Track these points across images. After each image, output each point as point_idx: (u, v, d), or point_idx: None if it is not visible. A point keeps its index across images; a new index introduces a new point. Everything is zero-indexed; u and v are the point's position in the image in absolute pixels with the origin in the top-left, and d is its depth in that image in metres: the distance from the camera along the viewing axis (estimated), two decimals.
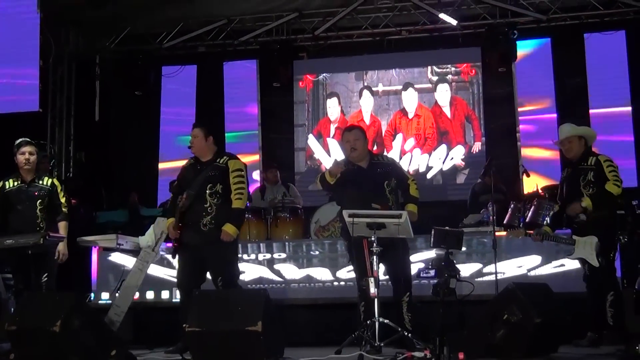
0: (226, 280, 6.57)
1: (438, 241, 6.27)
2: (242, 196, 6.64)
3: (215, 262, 6.57)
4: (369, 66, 13.12)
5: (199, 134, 6.79)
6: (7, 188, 7.23)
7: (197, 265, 6.65)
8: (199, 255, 6.58)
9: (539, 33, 12.33)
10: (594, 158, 7.03)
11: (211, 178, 6.60)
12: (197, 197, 6.55)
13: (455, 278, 6.22)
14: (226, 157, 6.80)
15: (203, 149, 6.79)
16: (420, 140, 12.65)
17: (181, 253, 6.70)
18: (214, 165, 6.71)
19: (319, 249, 9.10)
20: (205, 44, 12.98)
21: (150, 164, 13.19)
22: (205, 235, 6.53)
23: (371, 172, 6.70)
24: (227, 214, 6.60)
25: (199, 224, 6.55)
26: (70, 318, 5.67)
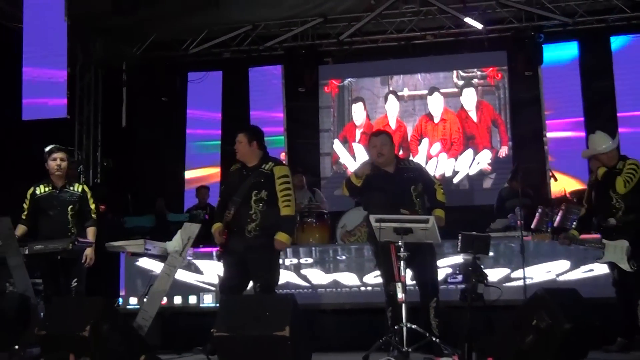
0: (264, 286, 6.53)
1: (465, 246, 6.24)
2: (290, 203, 6.57)
3: (257, 268, 6.53)
4: (395, 71, 13.11)
5: (243, 139, 6.73)
6: (38, 194, 7.30)
7: (241, 271, 6.61)
8: (243, 260, 6.55)
9: (565, 36, 12.26)
10: (622, 162, 6.97)
11: (256, 185, 6.55)
12: (243, 203, 6.52)
13: (482, 283, 6.18)
14: (272, 162, 6.73)
15: (247, 154, 6.73)
16: (447, 144, 12.62)
17: (225, 258, 6.68)
18: (259, 171, 6.64)
19: (345, 254, 9.08)
20: (231, 50, 13.05)
21: (176, 170, 13.26)
22: (250, 242, 6.50)
23: (398, 177, 6.68)
24: (272, 221, 6.54)
25: (244, 230, 6.52)
26: (99, 323, 5.70)
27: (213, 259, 9.00)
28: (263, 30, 12.80)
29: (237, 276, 6.63)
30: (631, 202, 6.83)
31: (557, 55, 12.33)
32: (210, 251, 9.02)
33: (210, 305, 8.97)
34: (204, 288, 9.13)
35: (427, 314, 6.55)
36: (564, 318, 5.66)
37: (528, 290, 7.49)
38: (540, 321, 5.73)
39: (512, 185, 9.88)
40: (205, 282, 9.12)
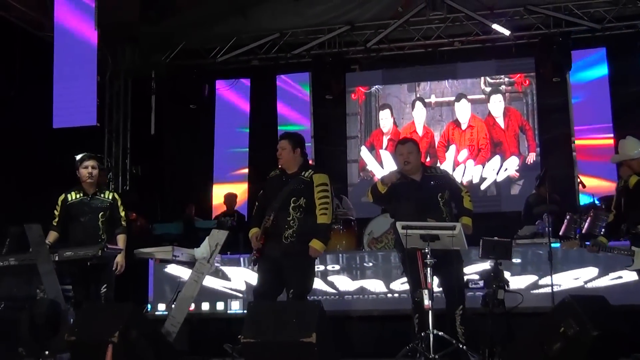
0: (297, 293, 6.51)
1: (487, 252, 6.22)
2: (327, 211, 6.56)
3: (292, 275, 6.52)
4: (422, 77, 13.11)
5: (286, 146, 6.72)
6: (70, 200, 7.37)
7: (276, 277, 6.61)
8: (278, 267, 6.55)
9: (593, 42, 12.18)
10: None
11: (295, 191, 6.55)
12: (281, 209, 6.52)
13: (503, 289, 6.15)
14: (311, 170, 6.73)
15: (290, 161, 6.73)
16: (474, 151, 12.59)
17: (261, 263, 6.67)
18: (299, 178, 6.64)
19: (372, 260, 9.09)
20: (258, 58, 13.10)
21: (205, 177, 13.34)
22: (286, 248, 6.50)
23: (425, 184, 6.68)
24: (310, 228, 6.55)
25: (281, 237, 6.52)
26: (128, 329, 5.76)
27: (241, 266, 9.07)
28: (290, 38, 12.85)
29: (272, 282, 6.63)
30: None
31: (585, 61, 12.25)
32: (237, 257, 9.08)
33: (237, 311, 9.02)
34: (231, 294, 9.18)
35: (453, 321, 6.52)
36: (592, 325, 5.64)
37: (556, 297, 7.45)
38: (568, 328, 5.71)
39: (539, 191, 9.84)
40: (233, 289, 9.17)
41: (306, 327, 5.53)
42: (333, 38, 12.75)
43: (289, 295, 6.53)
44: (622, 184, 7.14)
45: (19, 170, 10.48)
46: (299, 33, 12.82)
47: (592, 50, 12.28)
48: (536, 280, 8.46)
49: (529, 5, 11.97)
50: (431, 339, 6.00)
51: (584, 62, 12.22)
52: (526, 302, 8.16)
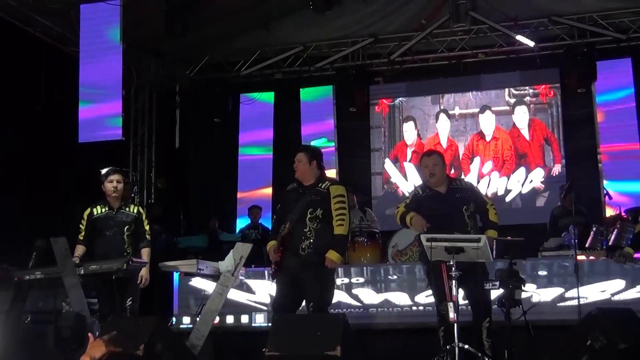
0: (317, 305, 6.50)
1: (500, 252, 6.16)
2: (343, 222, 6.54)
3: (311, 287, 6.51)
4: (446, 89, 13.10)
5: (303, 158, 6.73)
6: (96, 214, 7.42)
7: (294, 290, 6.60)
8: (297, 279, 6.55)
9: (619, 53, 12.11)
10: None
11: (312, 203, 6.55)
12: (298, 221, 6.52)
13: (520, 289, 6.09)
14: (328, 182, 6.74)
15: (306, 173, 6.73)
16: (499, 163, 12.53)
17: (280, 276, 6.68)
18: (315, 189, 6.64)
19: (397, 273, 9.06)
20: (282, 71, 13.16)
21: (229, 190, 13.38)
22: (304, 260, 6.49)
23: (450, 197, 6.65)
24: (326, 240, 6.53)
25: (298, 248, 6.52)
26: (153, 342, 5.76)
27: (265, 279, 9.06)
28: (314, 51, 12.90)
29: (291, 295, 6.62)
30: None
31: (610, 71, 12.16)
32: (262, 270, 9.07)
33: (262, 324, 9.00)
34: (256, 307, 9.18)
35: (480, 334, 6.47)
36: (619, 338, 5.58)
37: (582, 310, 7.38)
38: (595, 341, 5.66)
39: (564, 203, 9.76)
40: (258, 302, 9.17)
41: (331, 340, 5.51)
42: (356, 51, 12.79)
43: (309, 308, 6.52)
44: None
45: (45, 184, 10.56)
46: (322, 46, 12.86)
47: (618, 60, 12.18)
48: (562, 292, 8.39)
49: (553, 16, 11.94)
50: (457, 352, 5.96)
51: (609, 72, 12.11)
52: (553, 315, 8.19)
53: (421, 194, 6.71)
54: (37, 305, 7.62)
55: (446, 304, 6.07)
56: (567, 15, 11.92)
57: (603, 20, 11.81)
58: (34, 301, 7.60)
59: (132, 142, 12.78)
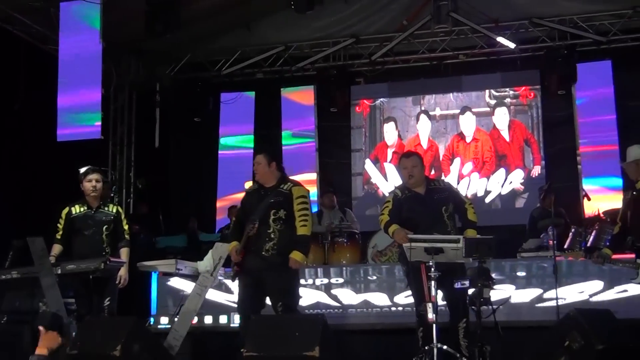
0: (286, 305, 6.50)
1: (470, 251, 6.15)
2: (306, 223, 6.55)
3: (276, 288, 6.52)
4: (426, 90, 13.11)
5: (262, 161, 6.71)
6: (74, 214, 7.38)
7: (258, 291, 6.61)
8: (260, 280, 6.55)
9: (599, 55, 12.16)
10: None
11: (275, 204, 6.53)
12: (261, 222, 6.49)
13: (489, 287, 6.10)
14: (290, 183, 6.72)
15: (266, 175, 6.72)
16: (478, 164, 12.56)
17: (242, 278, 6.66)
18: (277, 191, 6.62)
19: (376, 274, 9.06)
20: (263, 71, 13.13)
21: (209, 190, 13.33)
22: (267, 261, 6.48)
23: (429, 198, 6.66)
24: (290, 240, 6.54)
25: (262, 250, 6.51)
26: (130, 342, 5.73)
27: None
28: (295, 51, 12.89)
29: (254, 296, 6.62)
30: None
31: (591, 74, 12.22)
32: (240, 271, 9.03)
33: None
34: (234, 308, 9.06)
35: (456, 335, 6.49)
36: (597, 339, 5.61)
37: (561, 311, 7.40)
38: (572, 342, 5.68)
39: (544, 204, 9.80)
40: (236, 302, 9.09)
41: (309, 341, 5.50)
42: (338, 51, 12.79)
43: (277, 309, 6.50)
44: (630, 196, 7.08)
45: (23, 183, 10.49)
46: (303, 46, 12.85)
47: (598, 63, 12.24)
48: (541, 293, 8.42)
49: (534, 18, 11.99)
50: (435, 352, 5.97)
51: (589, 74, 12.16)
52: (531, 315, 8.22)
53: (400, 195, 6.71)
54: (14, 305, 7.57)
55: (425, 304, 6.08)
56: (547, 17, 11.97)
57: (583, 22, 11.88)
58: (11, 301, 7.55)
59: (111, 141, 12.70)
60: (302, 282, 8.90)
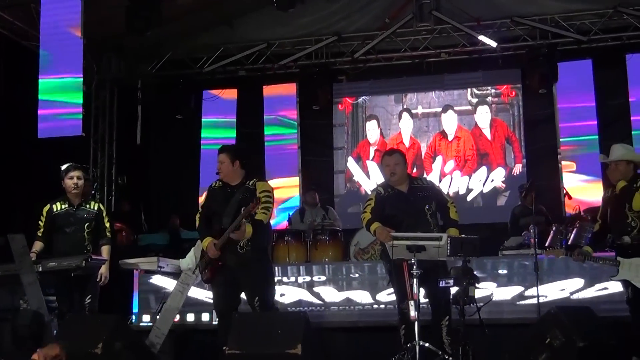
0: (262, 300, 6.51)
1: (454, 250, 6.18)
2: (266, 212, 6.54)
3: (251, 284, 6.54)
4: (409, 88, 13.13)
5: (225, 159, 6.76)
6: (55, 211, 7.35)
7: (232, 289, 6.61)
8: (234, 277, 6.55)
9: (580, 54, 12.23)
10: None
11: (244, 200, 6.49)
12: (234, 220, 6.46)
13: (474, 286, 6.13)
14: (255, 179, 6.75)
15: (230, 174, 6.75)
16: (460, 162, 12.60)
17: (216, 277, 6.66)
18: (245, 187, 6.65)
19: (358, 271, 9.07)
20: (245, 68, 13.09)
21: (191, 187, 13.28)
22: (242, 258, 6.49)
23: (412, 196, 6.67)
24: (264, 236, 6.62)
25: (236, 246, 6.50)
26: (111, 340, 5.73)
27: None
28: (277, 49, 12.86)
29: (229, 295, 6.62)
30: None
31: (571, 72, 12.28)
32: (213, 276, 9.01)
33: None
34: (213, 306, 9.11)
35: (439, 332, 6.51)
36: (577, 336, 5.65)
37: (542, 309, 7.43)
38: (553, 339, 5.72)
39: (525, 202, 9.85)
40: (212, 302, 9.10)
41: (292, 338, 5.51)
42: (320, 49, 12.77)
43: (254, 305, 6.50)
44: (610, 194, 7.13)
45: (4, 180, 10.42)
46: (286, 44, 12.83)
47: (579, 62, 12.31)
48: (522, 291, 8.46)
49: (515, 17, 12.03)
50: (417, 350, 5.98)
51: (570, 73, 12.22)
52: (513, 313, 8.25)
53: (383, 193, 6.72)
54: None
55: (407, 302, 6.09)
56: (529, 16, 12.01)
57: (565, 21, 11.93)
58: None
59: (92, 139, 12.66)
60: (284, 280, 8.96)
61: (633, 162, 6.97)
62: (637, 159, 7.05)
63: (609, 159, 7.04)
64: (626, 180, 6.91)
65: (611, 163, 7.00)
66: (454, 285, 6.13)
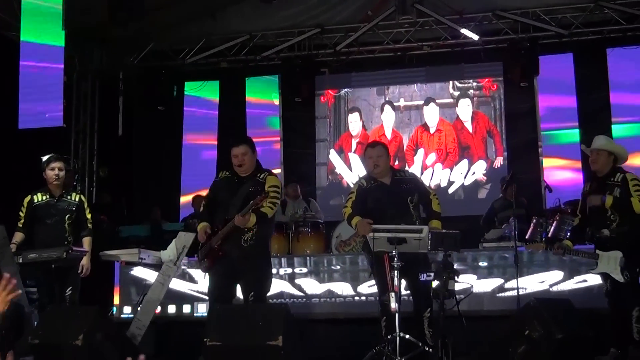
0: (257, 295, 6.52)
1: (435, 244, 6.22)
2: (273, 207, 6.56)
3: (250, 277, 6.53)
4: (391, 81, 13.15)
5: (247, 151, 6.67)
6: (36, 202, 7.32)
7: (230, 281, 6.62)
8: (234, 269, 6.55)
9: (561, 48, 12.30)
10: (621, 175, 6.92)
11: (252, 193, 6.48)
12: (239, 211, 6.43)
13: (454, 280, 6.16)
14: (266, 172, 6.75)
15: (252, 165, 6.71)
16: (442, 155, 12.64)
17: (216, 267, 6.65)
18: (255, 179, 6.65)
19: (340, 263, 9.10)
20: (228, 60, 13.06)
21: (173, 179, 13.27)
22: (245, 251, 6.50)
23: (394, 188, 6.69)
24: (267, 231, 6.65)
25: (240, 239, 6.51)
26: (92, 332, 5.71)
27: None
28: (260, 40, 12.83)
29: (227, 286, 6.63)
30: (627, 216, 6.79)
31: (552, 66, 12.35)
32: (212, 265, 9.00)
33: (204, 314, 8.95)
34: (198, 297, 9.13)
35: (421, 324, 6.54)
36: (556, 328, 5.68)
37: (521, 301, 7.51)
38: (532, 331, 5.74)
39: (506, 194, 9.89)
40: (200, 292, 9.12)
41: (273, 330, 5.51)
42: (303, 41, 12.75)
43: (248, 298, 6.51)
44: (589, 188, 7.18)
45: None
46: (268, 35, 12.80)
47: (560, 55, 12.38)
48: (502, 283, 8.52)
49: (497, 11, 12.06)
50: (397, 341, 6.01)
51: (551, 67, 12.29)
52: (493, 305, 8.30)
53: (365, 185, 6.75)
54: None
55: (388, 294, 6.11)
56: (511, 9, 12.05)
57: (546, 15, 11.97)
58: None
59: (73, 130, 12.58)
60: None
61: (614, 154, 7.04)
62: (617, 151, 7.11)
63: (591, 147, 7.10)
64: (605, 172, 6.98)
65: (592, 152, 7.07)
66: (434, 279, 6.16)
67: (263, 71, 13.34)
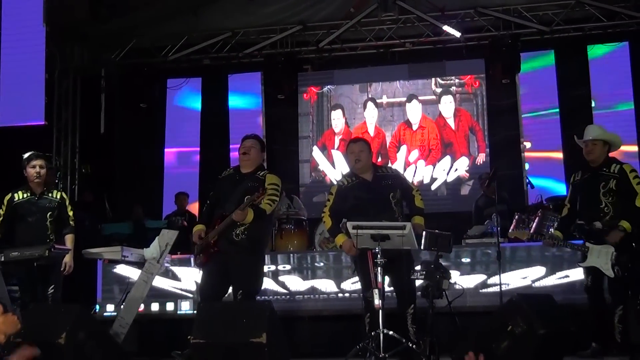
0: (247, 293, 6.52)
1: (429, 244, 6.25)
2: (272, 204, 6.59)
3: (241, 273, 6.54)
4: (373, 78, 13.17)
5: (255, 145, 6.80)
6: (17, 200, 7.28)
7: (222, 278, 6.61)
8: (226, 266, 6.55)
9: (542, 45, 12.36)
10: (617, 166, 6.83)
11: (251, 189, 6.52)
12: (236, 207, 6.47)
13: (447, 279, 6.19)
14: (266, 171, 6.81)
15: (256, 160, 6.80)
16: (425, 151, 12.68)
17: (208, 264, 6.65)
18: (254, 177, 6.69)
19: (323, 260, 9.09)
20: (210, 57, 13.03)
21: (155, 176, 13.23)
22: (237, 245, 6.51)
23: (376, 184, 6.69)
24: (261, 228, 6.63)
25: (232, 234, 6.53)
26: (75, 330, 5.67)
27: (191, 266, 8.99)
28: (242, 37, 12.81)
29: (219, 283, 6.63)
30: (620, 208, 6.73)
31: (534, 63, 12.42)
32: (188, 257, 9.01)
33: (187, 312, 8.95)
34: (181, 295, 9.10)
35: (404, 321, 6.55)
36: (538, 323, 5.70)
37: (504, 296, 7.53)
38: (515, 327, 5.76)
39: (488, 191, 9.93)
40: (183, 289, 9.10)
41: (256, 327, 5.50)
42: (285, 38, 12.75)
43: (237, 295, 6.51)
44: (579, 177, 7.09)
45: None
46: (250, 32, 12.78)
47: (541, 52, 12.44)
48: (485, 279, 8.54)
49: (479, 8, 12.11)
50: (381, 338, 6.02)
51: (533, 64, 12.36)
52: (475, 301, 8.33)
53: (346, 184, 6.73)
54: None
55: (372, 290, 6.12)
56: (492, 6, 12.10)
57: (528, 12, 12.03)
58: None
59: (55, 127, 12.51)
60: None
61: (609, 144, 6.97)
62: (612, 139, 7.03)
63: (585, 138, 7.04)
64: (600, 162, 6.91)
65: (587, 143, 6.97)
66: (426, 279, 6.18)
67: (245, 68, 13.32)
